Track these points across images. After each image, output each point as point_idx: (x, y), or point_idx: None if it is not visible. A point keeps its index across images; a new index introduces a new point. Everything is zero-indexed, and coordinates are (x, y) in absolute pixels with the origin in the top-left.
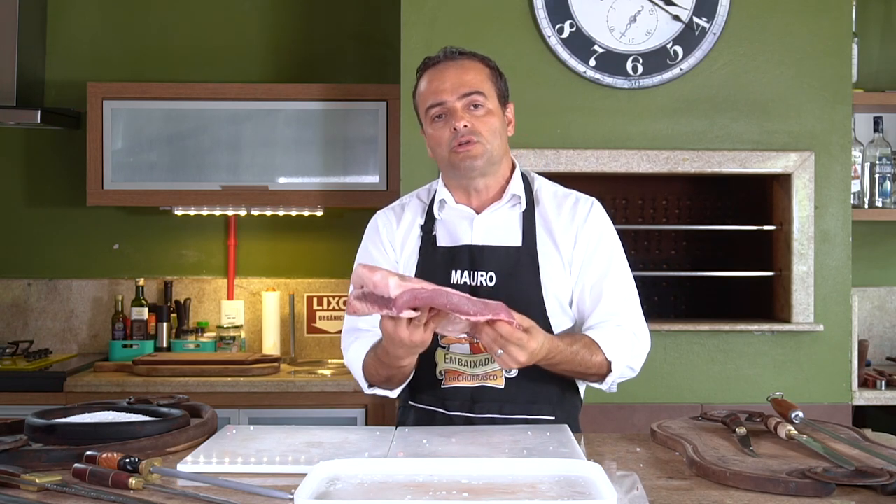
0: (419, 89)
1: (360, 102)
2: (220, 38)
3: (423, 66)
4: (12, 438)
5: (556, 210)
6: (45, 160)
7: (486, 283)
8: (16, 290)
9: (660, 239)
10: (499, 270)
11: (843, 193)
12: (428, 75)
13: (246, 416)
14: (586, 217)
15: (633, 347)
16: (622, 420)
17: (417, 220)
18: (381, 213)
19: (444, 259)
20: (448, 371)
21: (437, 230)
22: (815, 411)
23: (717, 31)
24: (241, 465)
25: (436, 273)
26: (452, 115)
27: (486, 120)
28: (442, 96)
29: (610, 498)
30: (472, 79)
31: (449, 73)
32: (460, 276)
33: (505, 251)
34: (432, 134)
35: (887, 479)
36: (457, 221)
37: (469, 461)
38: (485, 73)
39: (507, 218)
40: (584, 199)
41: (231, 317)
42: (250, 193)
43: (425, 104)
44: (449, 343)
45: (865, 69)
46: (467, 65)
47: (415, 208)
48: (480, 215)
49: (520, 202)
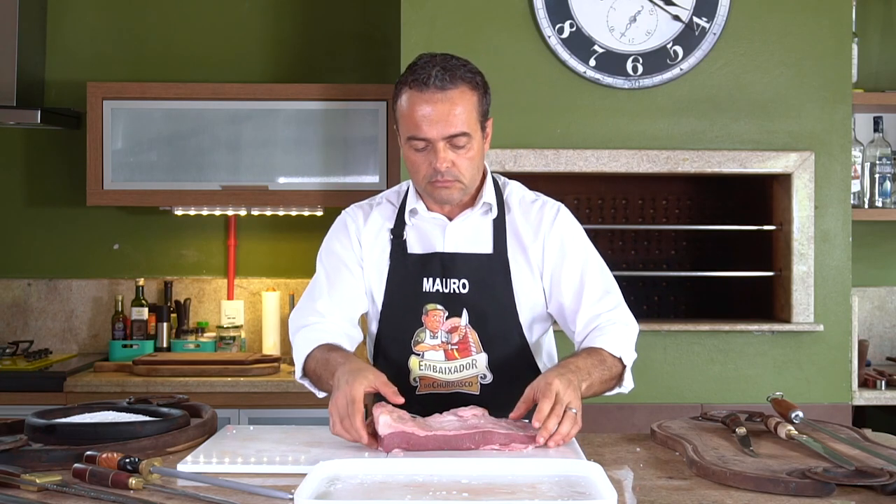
0: (401, 106)
1: (360, 102)
2: (220, 38)
3: (409, 80)
4: (12, 438)
5: (523, 217)
6: (45, 160)
7: (458, 290)
8: (16, 290)
9: (660, 239)
10: (471, 277)
11: (843, 193)
12: (413, 98)
13: (246, 416)
14: (552, 223)
15: (626, 336)
16: (622, 420)
17: (386, 224)
18: (349, 210)
19: (415, 266)
20: (423, 378)
21: (408, 235)
22: (815, 411)
23: (717, 31)
24: (241, 465)
25: (407, 280)
26: (434, 153)
27: (468, 156)
28: (426, 133)
29: (610, 498)
30: (459, 116)
31: (436, 107)
32: (432, 284)
33: (477, 258)
34: (411, 158)
35: (887, 479)
36: (428, 228)
37: (469, 461)
38: (472, 102)
39: (478, 225)
40: (550, 206)
41: (231, 317)
42: (250, 193)
43: (406, 131)
44: (423, 350)
45: (865, 69)
46: (456, 97)
47: (384, 211)
48: (453, 222)
49: (491, 209)
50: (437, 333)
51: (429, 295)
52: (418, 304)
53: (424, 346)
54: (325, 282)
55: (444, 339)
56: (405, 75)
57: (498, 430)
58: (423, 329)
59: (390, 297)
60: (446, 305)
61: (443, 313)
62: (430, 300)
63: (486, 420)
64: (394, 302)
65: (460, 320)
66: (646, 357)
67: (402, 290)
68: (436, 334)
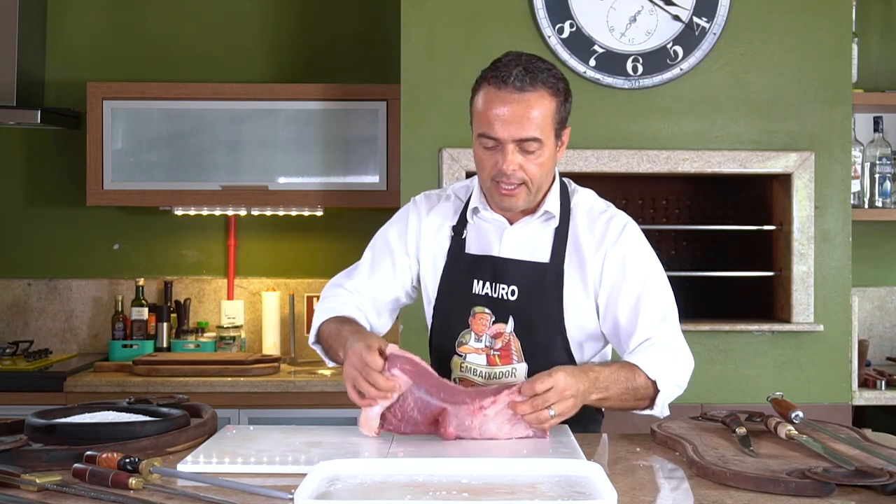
0: (477, 101)
1: (360, 102)
2: (220, 38)
3: (489, 75)
4: (12, 438)
5: (587, 229)
6: (45, 160)
7: (507, 297)
8: (16, 290)
9: (660, 239)
10: (521, 285)
11: (843, 193)
12: (489, 94)
13: (246, 416)
14: (616, 238)
15: (674, 363)
16: (622, 420)
17: (449, 220)
18: (417, 199)
19: (468, 266)
20: (462, 380)
21: (468, 234)
22: (815, 411)
23: (717, 31)
24: (241, 465)
25: (459, 280)
26: (502, 154)
27: (537, 162)
28: (497, 133)
29: (610, 498)
30: (533, 120)
31: (511, 108)
32: (482, 287)
33: (531, 266)
34: (479, 155)
35: (887, 479)
36: (488, 229)
37: (469, 461)
38: (550, 108)
39: (538, 232)
40: (618, 219)
41: (231, 317)
42: (250, 193)
43: (478, 127)
44: (466, 352)
45: (865, 69)
46: (533, 100)
47: (450, 206)
48: (511, 227)
49: (553, 218)
50: (482, 337)
51: (478, 297)
52: (467, 304)
53: (468, 349)
54: (368, 264)
55: (487, 343)
56: (487, 70)
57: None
58: (469, 331)
59: (442, 293)
60: (494, 310)
61: (490, 317)
62: (478, 303)
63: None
64: (444, 299)
65: (506, 327)
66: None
67: (454, 288)
68: (480, 338)
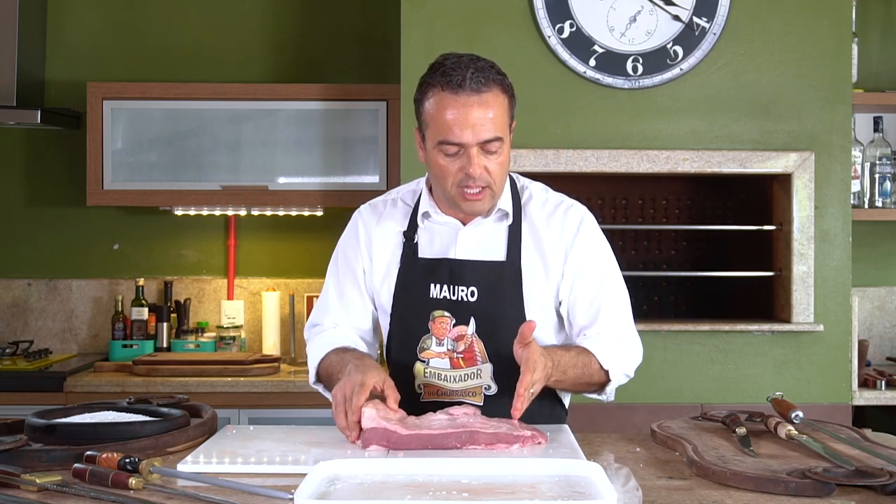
0: (429, 108)
1: (360, 102)
2: (220, 38)
3: (440, 81)
4: (12, 438)
5: (545, 222)
6: (45, 160)
7: (467, 298)
8: (16, 290)
9: (660, 239)
10: (480, 285)
11: (843, 193)
12: (445, 100)
13: (246, 416)
14: (577, 230)
15: (626, 353)
16: (622, 420)
17: (399, 226)
18: (362, 210)
19: (424, 271)
20: (427, 385)
21: (420, 238)
22: (815, 411)
23: (717, 31)
24: (241, 465)
25: (415, 285)
26: (467, 159)
27: (499, 161)
28: (460, 138)
29: (610, 498)
30: (494, 120)
31: (472, 111)
32: (439, 291)
33: (488, 266)
34: (439, 164)
35: (887, 479)
36: (442, 232)
37: (469, 461)
38: (504, 106)
39: (492, 231)
40: (575, 210)
41: (231, 317)
42: (250, 193)
43: (436, 135)
44: (428, 357)
45: (865, 69)
46: (490, 100)
47: (398, 211)
48: (465, 228)
49: (507, 215)
50: (444, 341)
51: (436, 301)
52: (425, 309)
53: (430, 353)
54: (335, 294)
55: (449, 346)
56: (433, 76)
57: (484, 431)
58: (430, 336)
59: (398, 300)
60: (454, 313)
61: (450, 321)
62: (437, 306)
63: (475, 419)
64: (401, 306)
65: (467, 328)
66: (646, 357)
67: (410, 294)
68: (442, 341)
